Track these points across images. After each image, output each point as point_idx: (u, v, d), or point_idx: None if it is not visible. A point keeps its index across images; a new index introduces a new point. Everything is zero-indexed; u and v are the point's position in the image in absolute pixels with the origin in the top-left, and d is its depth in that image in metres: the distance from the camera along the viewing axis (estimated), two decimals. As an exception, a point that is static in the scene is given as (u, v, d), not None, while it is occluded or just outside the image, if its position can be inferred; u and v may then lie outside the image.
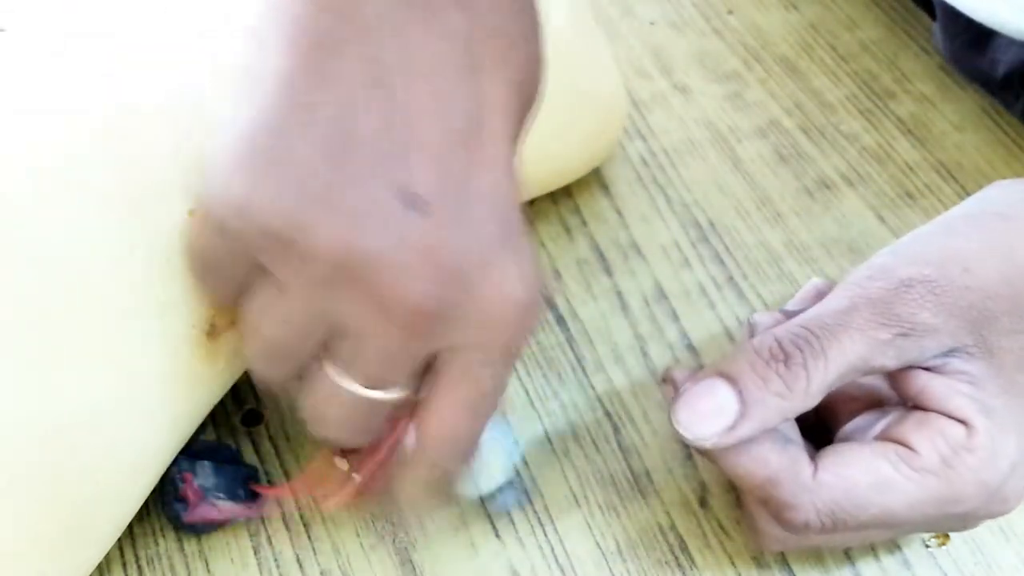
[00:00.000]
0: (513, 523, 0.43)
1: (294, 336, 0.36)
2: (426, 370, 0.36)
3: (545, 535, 0.43)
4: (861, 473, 0.37)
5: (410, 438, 0.38)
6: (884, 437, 0.38)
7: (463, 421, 0.37)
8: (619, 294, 0.51)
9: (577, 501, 0.44)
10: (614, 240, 0.53)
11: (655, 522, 0.43)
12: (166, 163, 0.38)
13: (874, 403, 0.41)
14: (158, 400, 0.39)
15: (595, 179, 0.55)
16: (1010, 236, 0.39)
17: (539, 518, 0.43)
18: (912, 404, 0.39)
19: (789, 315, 0.40)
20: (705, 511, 0.43)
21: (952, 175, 0.56)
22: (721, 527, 0.43)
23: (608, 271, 0.52)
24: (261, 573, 0.42)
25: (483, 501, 0.43)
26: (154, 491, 0.41)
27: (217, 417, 0.45)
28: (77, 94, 0.38)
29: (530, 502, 0.43)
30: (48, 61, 0.39)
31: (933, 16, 0.61)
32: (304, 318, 0.35)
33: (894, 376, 0.39)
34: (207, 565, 0.42)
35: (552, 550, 0.43)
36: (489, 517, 0.43)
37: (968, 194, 0.54)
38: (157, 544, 0.43)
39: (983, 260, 0.38)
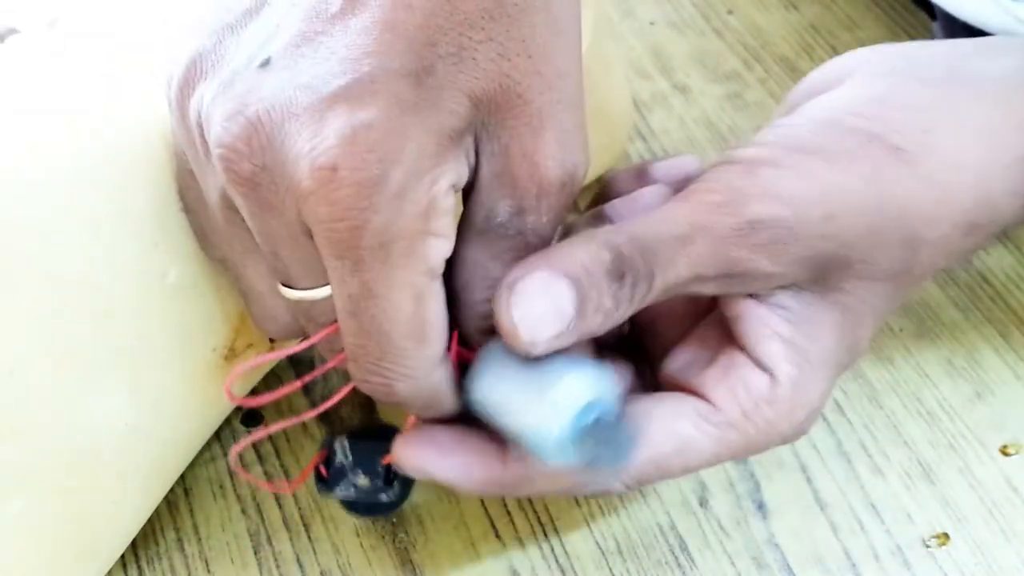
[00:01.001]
0: (513, 523, 0.43)
1: (234, 250, 0.36)
2: None
3: (545, 535, 0.43)
4: (662, 440, 0.36)
5: None
6: (689, 387, 0.37)
7: (345, 327, 0.33)
8: (619, 294, 0.51)
9: (577, 501, 0.44)
10: (614, 240, 0.53)
11: (655, 522, 0.43)
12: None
13: (698, 310, 0.39)
14: (174, 420, 0.39)
15: (596, 179, 0.55)
16: (895, 181, 0.35)
17: (539, 518, 0.43)
18: (728, 327, 0.37)
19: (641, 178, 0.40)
20: (705, 511, 0.43)
21: (952, 175, 0.56)
22: (721, 527, 0.43)
23: (608, 271, 0.51)
24: (261, 573, 0.42)
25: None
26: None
27: (217, 417, 0.46)
28: (76, 94, 0.38)
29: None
30: (49, 61, 0.39)
31: (933, 16, 0.61)
32: (219, 219, 0.35)
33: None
34: (207, 565, 0.42)
35: (552, 550, 0.43)
36: (489, 517, 0.43)
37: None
38: (157, 544, 0.43)
39: (854, 208, 0.34)
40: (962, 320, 0.48)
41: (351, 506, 0.41)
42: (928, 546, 0.42)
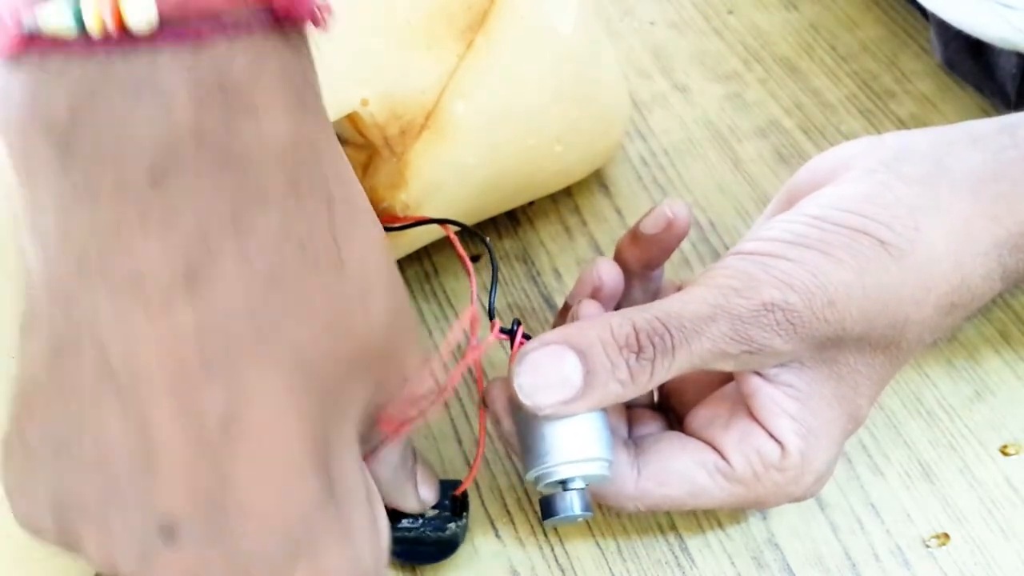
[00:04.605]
0: (513, 523, 0.43)
1: None
2: None
3: (545, 535, 0.43)
4: (679, 483, 0.40)
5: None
6: (709, 439, 0.40)
7: None
8: (619, 294, 0.51)
9: (577, 501, 0.44)
10: (614, 240, 0.53)
11: (655, 522, 0.43)
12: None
13: (717, 379, 0.42)
14: None
15: (595, 179, 0.55)
16: (883, 270, 0.38)
17: (539, 518, 0.43)
18: (744, 399, 0.40)
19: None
20: (705, 511, 0.43)
21: (952, 175, 0.56)
22: (721, 527, 0.43)
23: (608, 271, 0.51)
24: (261, 573, 0.42)
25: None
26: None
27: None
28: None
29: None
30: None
31: (928, 19, 0.61)
32: None
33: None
34: (207, 565, 0.42)
35: (552, 550, 0.43)
36: (489, 517, 0.43)
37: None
38: (157, 544, 0.43)
39: (850, 295, 0.38)
40: (962, 320, 0.49)
41: (411, 544, 0.41)
42: (928, 546, 0.42)
